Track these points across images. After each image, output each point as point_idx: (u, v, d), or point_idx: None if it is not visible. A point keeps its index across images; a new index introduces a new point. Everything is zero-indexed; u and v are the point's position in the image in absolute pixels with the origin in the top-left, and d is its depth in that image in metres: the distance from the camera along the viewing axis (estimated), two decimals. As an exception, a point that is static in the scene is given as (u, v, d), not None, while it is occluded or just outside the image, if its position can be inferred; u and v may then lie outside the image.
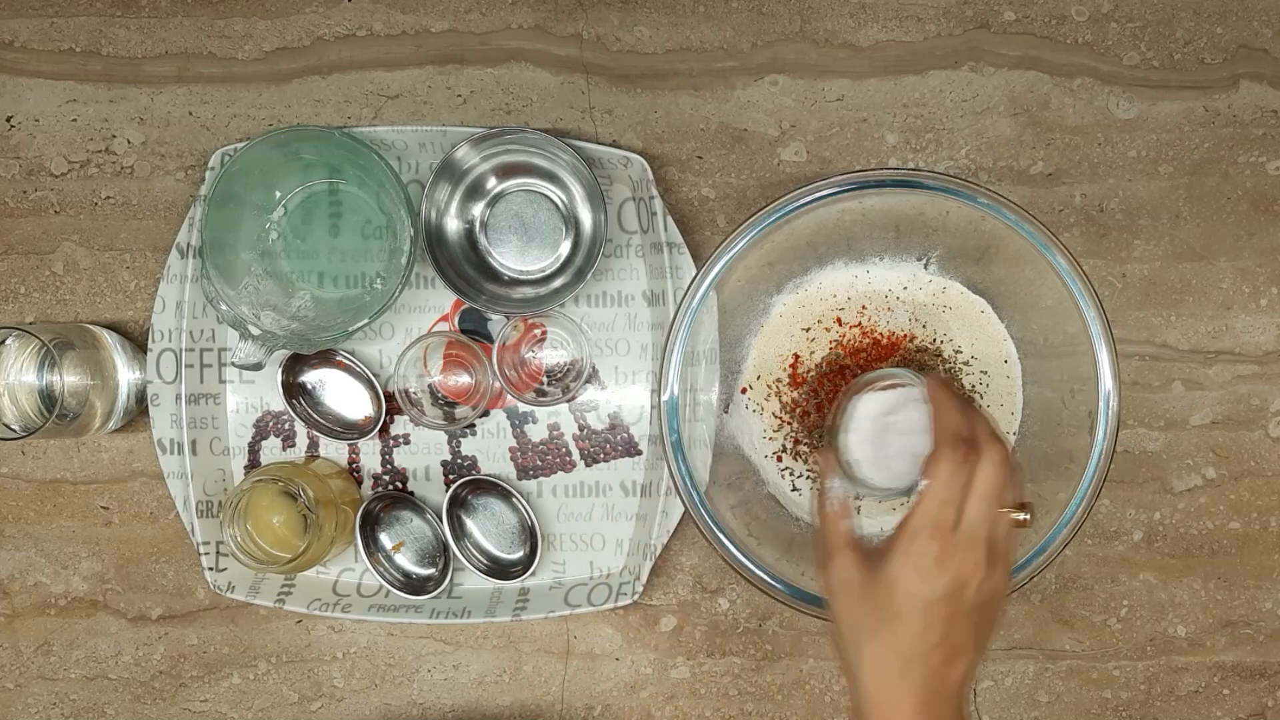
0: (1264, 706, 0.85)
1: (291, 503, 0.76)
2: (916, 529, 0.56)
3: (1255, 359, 0.84)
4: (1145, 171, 0.84)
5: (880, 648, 0.56)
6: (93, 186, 0.85)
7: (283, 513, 0.77)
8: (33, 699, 0.85)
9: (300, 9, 0.84)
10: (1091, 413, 0.70)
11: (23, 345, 0.80)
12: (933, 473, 0.57)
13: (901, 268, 0.81)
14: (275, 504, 0.77)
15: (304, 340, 0.77)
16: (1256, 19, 0.84)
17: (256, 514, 0.76)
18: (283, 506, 0.77)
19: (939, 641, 0.56)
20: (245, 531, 0.76)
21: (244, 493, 0.76)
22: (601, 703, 0.85)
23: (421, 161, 0.82)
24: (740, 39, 0.84)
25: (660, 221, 0.80)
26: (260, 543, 0.76)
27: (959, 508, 0.56)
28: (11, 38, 0.85)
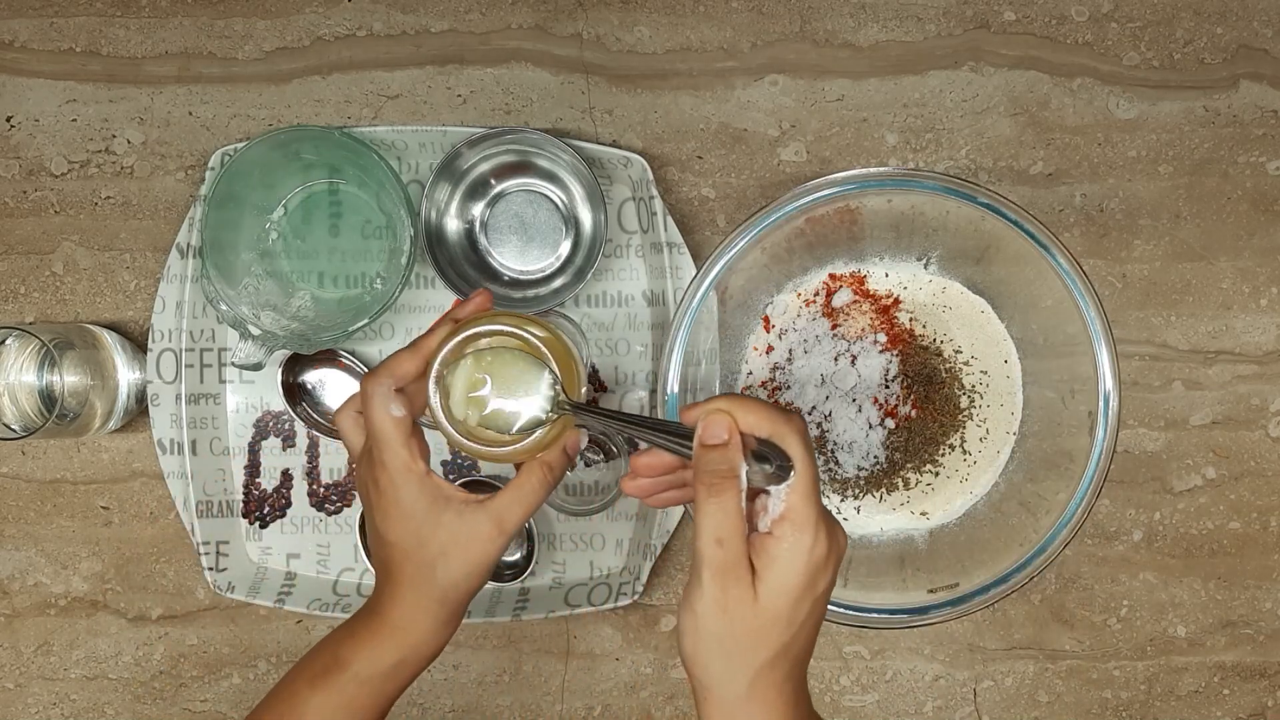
0: (1264, 706, 0.85)
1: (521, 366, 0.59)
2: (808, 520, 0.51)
3: (1255, 359, 0.84)
4: (1145, 171, 0.84)
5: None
6: (93, 186, 0.85)
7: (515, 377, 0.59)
8: (33, 699, 0.85)
9: (300, 9, 0.84)
10: (1091, 413, 0.70)
11: (23, 345, 0.80)
12: (798, 450, 0.51)
13: (901, 268, 0.81)
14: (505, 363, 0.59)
15: (304, 340, 0.77)
16: (1256, 19, 0.84)
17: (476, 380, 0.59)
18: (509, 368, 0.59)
19: (816, 625, 0.53)
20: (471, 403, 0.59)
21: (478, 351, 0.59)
22: (601, 703, 0.85)
23: (421, 161, 0.82)
24: (740, 39, 0.84)
25: (660, 221, 0.80)
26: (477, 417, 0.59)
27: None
28: (11, 38, 0.85)
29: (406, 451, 0.59)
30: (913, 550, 0.79)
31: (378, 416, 0.58)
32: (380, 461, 0.59)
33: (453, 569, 0.59)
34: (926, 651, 0.84)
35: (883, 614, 0.70)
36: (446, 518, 0.59)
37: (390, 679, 0.61)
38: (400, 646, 0.60)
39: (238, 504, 0.83)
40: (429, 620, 0.60)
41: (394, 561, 0.60)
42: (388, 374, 0.59)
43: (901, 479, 0.80)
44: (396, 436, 0.58)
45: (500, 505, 0.60)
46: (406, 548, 0.59)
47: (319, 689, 0.60)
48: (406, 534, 0.59)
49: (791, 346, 0.81)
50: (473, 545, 0.59)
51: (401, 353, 0.60)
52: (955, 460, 0.80)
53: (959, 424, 0.80)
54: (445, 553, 0.59)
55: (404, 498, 0.59)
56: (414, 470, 0.59)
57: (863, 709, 0.85)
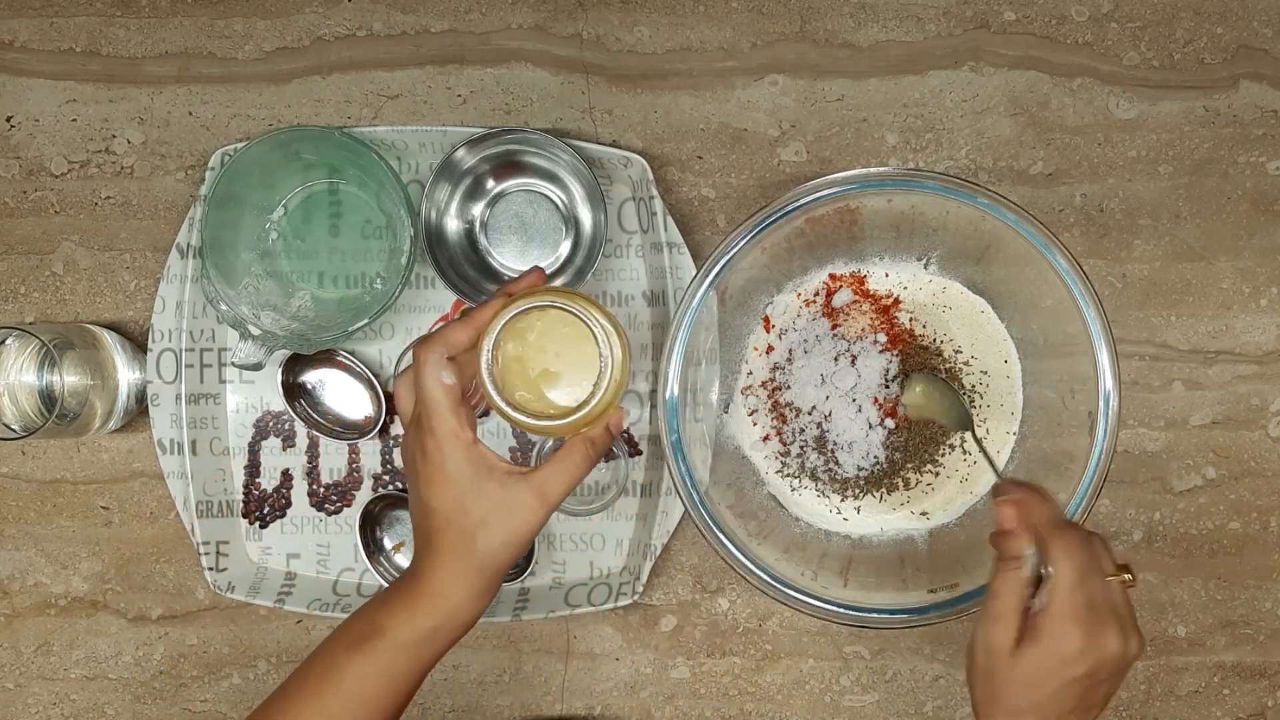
0: (1264, 706, 0.85)
1: (571, 335, 0.61)
2: (1060, 616, 0.58)
3: (1255, 359, 0.84)
4: (1145, 171, 0.84)
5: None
6: (93, 186, 0.85)
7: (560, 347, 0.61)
8: (33, 699, 0.85)
9: (300, 9, 0.84)
10: (1091, 413, 0.70)
11: (23, 345, 0.80)
12: (1058, 561, 0.58)
13: (901, 268, 0.81)
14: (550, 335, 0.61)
15: (304, 340, 0.77)
16: (1256, 19, 0.84)
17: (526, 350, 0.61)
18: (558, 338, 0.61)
19: (1075, 707, 0.59)
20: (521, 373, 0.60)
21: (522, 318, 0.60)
22: (601, 703, 0.85)
23: (421, 161, 0.82)
24: (740, 39, 0.84)
25: (660, 221, 0.80)
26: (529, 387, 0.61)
27: (1089, 590, 0.58)
28: (11, 38, 0.85)
29: (455, 419, 0.60)
30: (913, 550, 0.79)
31: (429, 383, 0.60)
32: (429, 428, 0.60)
33: (493, 538, 0.60)
34: (926, 651, 0.84)
35: (883, 614, 0.70)
36: (490, 487, 0.60)
37: (426, 645, 0.62)
38: (437, 612, 0.61)
39: (238, 504, 0.84)
40: (466, 587, 0.61)
41: (435, 528, 0.61)
42: (441, 342, 0.60)
43: (901, 479, 0.80)
44: (446, 403, 0.60)
45: (543, 477, 0.61)
46: (449, 514, 0.60)
47: (356, 654, 0.61)
48: (449, 501, 0.60)
49: (791, 346, 0.81)
50: (515, 515, 0.60)
51: (454, 323, 0.61)
52: (955, 460, 0.80)
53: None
54: (486, 521, 0.60)
55: (449, 464, 0.60)
56: (461, 437, 0.60)
57: (863, 709, 0.85)
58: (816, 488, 0.81)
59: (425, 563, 0.62)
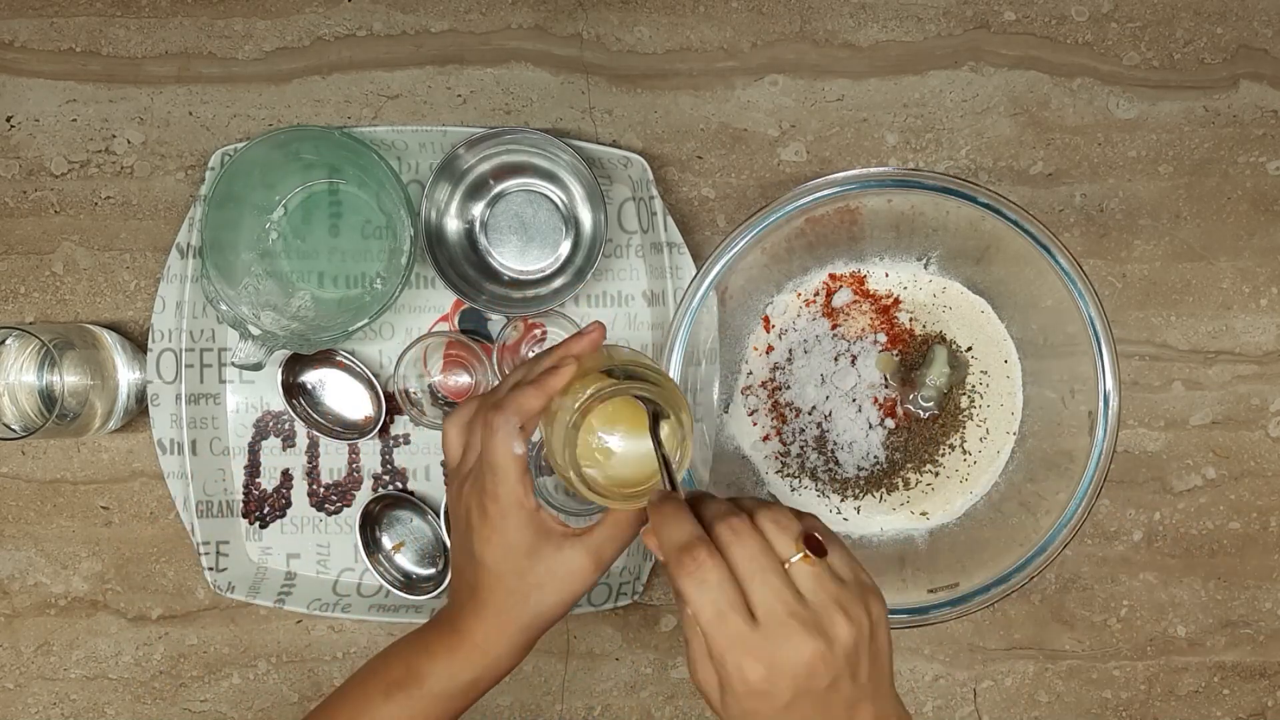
0: (1264, 706, 0.85)
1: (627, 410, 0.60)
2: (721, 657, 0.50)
3: (1255, 359, 0.84)
4: (1145, 171, 0.84)
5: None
6: (93, 186, 0.85)
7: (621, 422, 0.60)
8: (33, 699, 0.85)
9: (300, 9, 0.84)
10: (1091, 413, 0.70)
11: (23, 345, 0.80)
12: (685, 597, 0.50)
13: (901, 268, 0.81)
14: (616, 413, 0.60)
15: (304, 340, 0.77)
16: (1256, 19, 0.84)
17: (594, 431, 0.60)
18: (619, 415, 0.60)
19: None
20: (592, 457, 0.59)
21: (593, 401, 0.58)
22: (601, 703, 0.85)
23: (421, 161, 0.82)
24: (740, 39, 0.84)
25: (660, 221, 0.80)
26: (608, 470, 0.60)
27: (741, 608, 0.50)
28: (11, 38, 0.85)
29: (521, 488, 0.59)
30: (913, 550, 0.79)
31: (499, 451, 0.59)
32: (493, 493, 0.59)
33: (546, 600, 0.60)
34: (926, 651, 0.84)
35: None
36: (546, 550, 0.60)
37: (463, 696, 0.62)
38: (477, 665, 0.61)
39: (238, 504, 0.84)
40: (510, 644, 0.61)
41: (485, 585, 0.60)
42: (515, 411, 0.59)
43: (901, 479, 0.80)
44: (515, 472, 0.59)
45: (598, 541, 0.61)
46: (502, 574, 0.60)
47: (393, 699, 0.61)
48: (505, 563, 0.60)
49: (791, 346, 0.81)
50: (570, 578, 0.60)
51: (528, 389, 0.60)
52: (955, 460, 0.80)
53: (959, 424, 0.80)
54: (542, 585, 0.60)
55: (510, 530, 0.59)
56: (525, 506, 0.59)
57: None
58: (816, 488, 0.81)
59: (470, 615, 0.61)
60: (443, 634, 0.62)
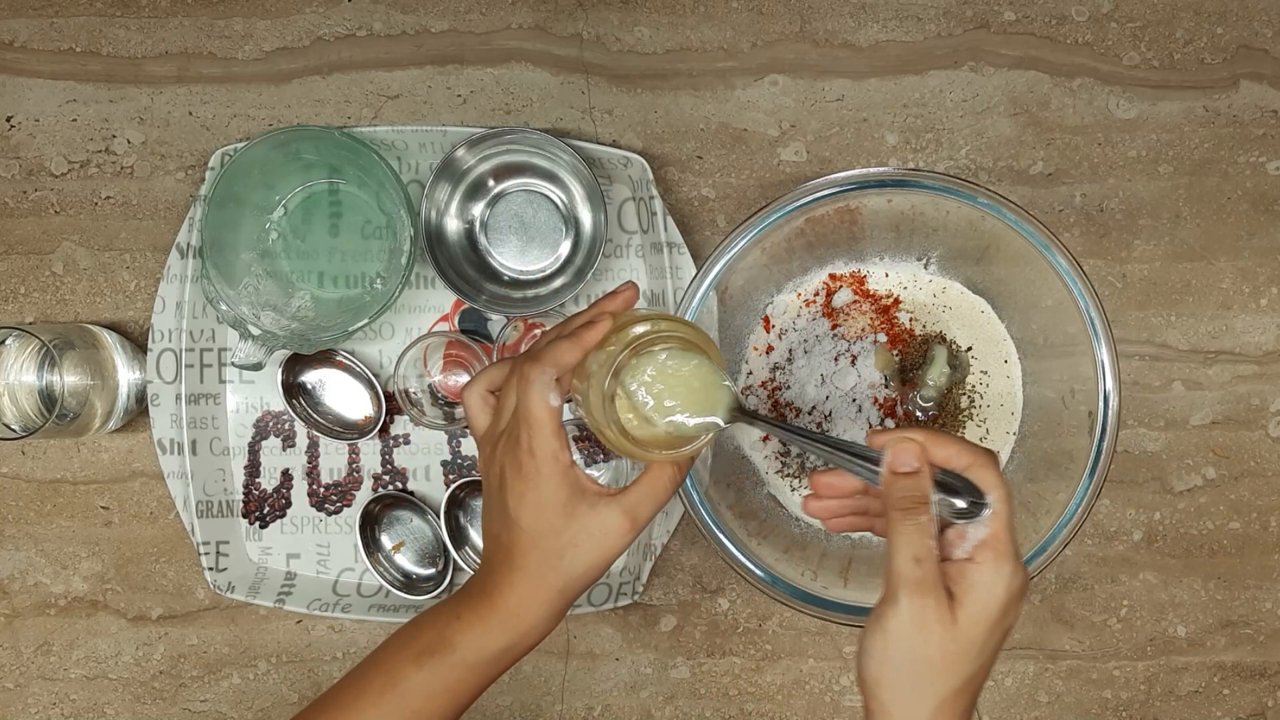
0: (1264, 706, 0.85)
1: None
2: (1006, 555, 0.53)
3: (1255, 359, 0.84)
4: (1145, 171, 0.84)
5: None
6: (93, 186, 0.85)
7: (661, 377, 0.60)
8: (33, 699, 0.85)
9: (300, 9, 0.84)
10: (1091, 413, 0.70)
11: (23, 345, 0.80)
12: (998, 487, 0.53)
13: (901, 268, 0.81)
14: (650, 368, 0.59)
15: (304, 340, 0.77)
16: (1256, 19, 0.84)
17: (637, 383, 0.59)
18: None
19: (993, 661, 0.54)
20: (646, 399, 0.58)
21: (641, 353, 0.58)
22: (601, 703, 0.85)
23: (421, 161, 0.82)
24: (740, 39, 0.84)
25: (660, 221, 0.80)
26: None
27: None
28: (11, 38, 0.85)
29: (557, 440, 0.58)
30: (913, 550, 0.79)
31: (535, 402, 0.58)
32: (529, 448, 0.58)
33: (580, 560, 0.59)
34: (926, 651, 0.84)
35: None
36: (581, 509, 0.59)
37: (495, 664, 0.60)
38: (511, 632, 0.60)
39: (238, 504, 0.84)
40: (544, 609, 0.60)
41: (519, 546, 0.59)
42: (551, 362, 0.59)
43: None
44: (550, 424, 0.58)
45: (634, 499, 0.60)
46: (538, 534, 0.59)
47: (423, 667, 0.60)
48: (540, 521, 0.59)
49: (791, 346, 0.81)
50: (605, 538, 0.59)
51: (565, 342, 0.59)
52: (955, 460, 0.80)
53: (959, 424, 0.80)
54: (576, 543, 0.59)
55: (546, 485, 0.58)
56: (561, 460, 0.59)
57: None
58: (816, 488, 0.81)
59: (502, 580, 0.60)
60: (475, 601, 0.61)
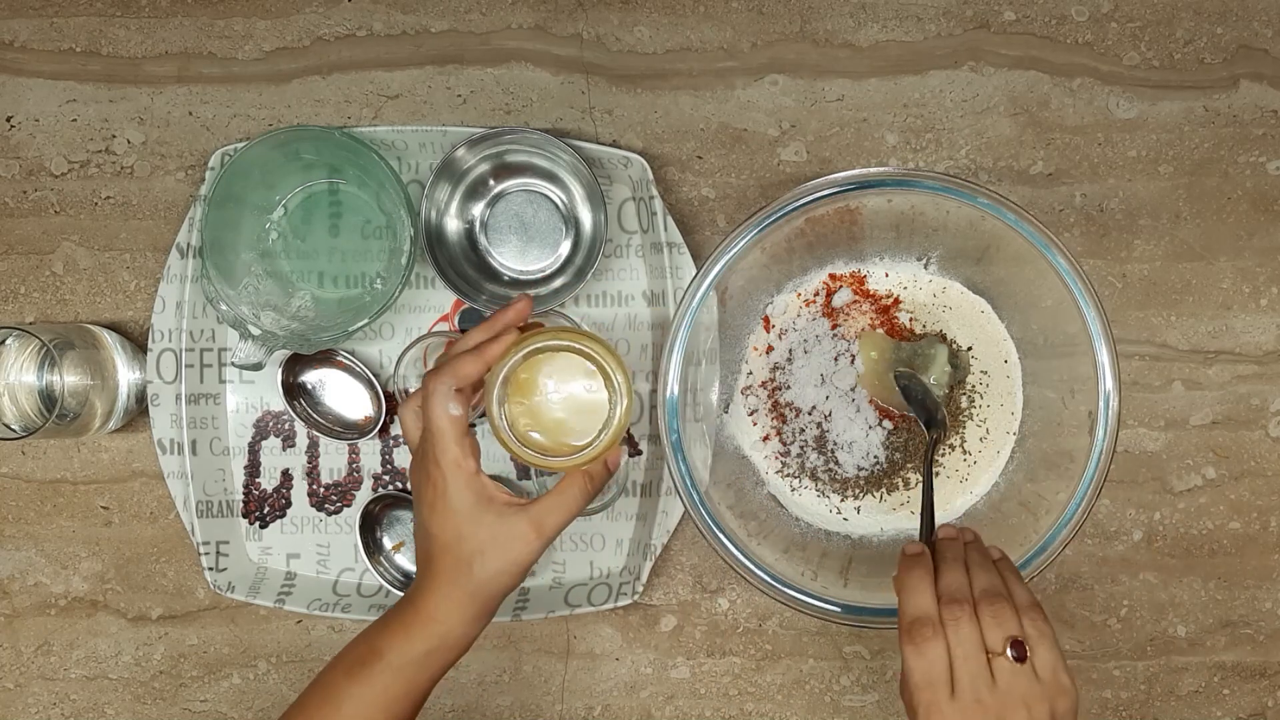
0: (1264, 706, 0.85)
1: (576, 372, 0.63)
2: (917, 711, 0.57)
3: (1255, 359, 0.84)
4: (1145, 171, 0.84)
5: None
6: (93, 186, 0.85)
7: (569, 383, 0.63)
8: (33, 699, 0.85)
9: (300, 9, 0.84)
10: (1091, 413, 0.70)
11: (23, 345, 0.80)
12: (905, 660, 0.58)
13: (901, 268, 0.81)
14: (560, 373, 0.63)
15: (304, 340, 0.77)
16: (1256, 19, 0.84)
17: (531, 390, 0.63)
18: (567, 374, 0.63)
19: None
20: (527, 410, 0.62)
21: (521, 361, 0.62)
22: (601, 703, 0.85)
23: (421, 161, 0.82)
24: (740, 39, 0.84)
25: (660, 221, 0.80)
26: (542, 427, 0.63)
27: (946, 683, 0.57)
28: (11, 38, 0.85)
29: (459, 449, 0.61)
30: (913, 550, 0.79)
31: (436, 413, 0.61)
32: (434, 457, 0.61)
33: (489, 566, 0.62)
34: (926, 651, 0.84)
35: (883, 614, 0.70)
36: (488, 517, 0.62)
37: (421, 668, 0.63)
38: (431, 636, 0.62)
39: (238, 504, 0.84)
40: (460, 612, 0.62)
41: (434, 554, 0.62)
42: (450, 374, 0.62)
43: (901, 479, 0.80)
44: (451, 433, 0.61)
45: (541, 510, 0.62)
46: (447, 541, 0.62)
47: (355, 679, 0.63)
48: (449, 529, 0.62)
49: (791, 346, 0.81)
50: (511, 546, 0.62)
51: (466, 355, 0.62)
52: (955, 460, 0.80)
53: (959, 424, 0.80)
54: (483, 550, 0.61)
55: (451, 493, 0.61)
56: (463, 467, 0.61)
57: (863, 709, 0.85)
58: (816, 488, 0.81)
59: (423, 586, 0.63)
60: (400, 610, 0.64)
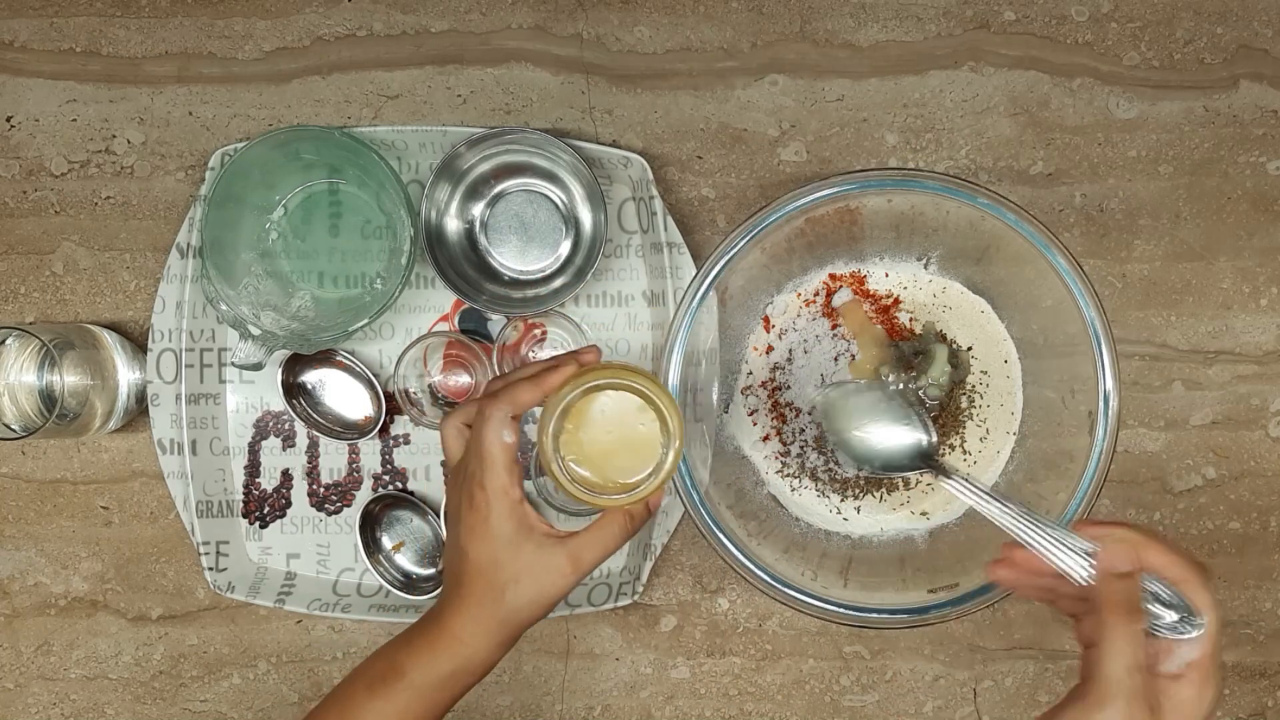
0: (1264, 706, 0.85)
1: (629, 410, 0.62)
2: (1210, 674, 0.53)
3: (1255, 359, 0.84)
4: (1145, 171, 0.84)
5: None
6: (93, 186, 0.85)
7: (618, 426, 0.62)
8: (33, 699, 0.85)
9: (300, 9, 0.84)
10: (1091, 413, 0.70)
11: (23, 345, 0.80)
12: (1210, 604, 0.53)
13: (901, 268, 0.81)
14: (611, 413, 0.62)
15: (304, 340, 0.77)
16: (1256, 19, 0.84)
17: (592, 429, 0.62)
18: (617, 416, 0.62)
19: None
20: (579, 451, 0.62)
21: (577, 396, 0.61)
22: (601, 703, 0.85)
23: (421, 161, 0.82)
24: (740, 39, 0.84)
25: (660, 221, 0.80)
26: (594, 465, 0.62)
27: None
28: (11, 38, 0.85)
29: (508, 476, 0.61)
30: (913, 550, 0.79)
31: (489, 439, 0.61)
32: (480, 481, 0.61)
33: (522, 596, 0.62)
34: (926, 651, 0.84)
35: (883, 614, 0.70)
36: (528, 547, 0.62)
37: (444, 689, 0.63)
38: (456, 657, 0.62)
39: (238, 504, 0.84)
40: (487, 637, 0.62)
41: (467, 575, 0.62)
42: (508, 401, 0.61)
43: (901, 479, 0.80)
44: (502, 460, 0.61)
45: (579, 545, 0.62)
46: (483, 566, 0.62)
47: (376, 695, 0.63)
48: (486, 553, 0.62)
49: (791, 346, 0.81)
50: (545, 577, 0.62)
51: (523, 383, 0.62)
52: (955, 460, 0.80)
53: (959, 424, 0.80)
54: (518, 579, 0.62)
55: (494, 519, 0.61)
56: (509, 495, 0.61)
57: (863, 709, 0.85)
58: (816, 488, 0.81)
59: (451, 607, 0.63)
60: (425, 628, 0.64)
